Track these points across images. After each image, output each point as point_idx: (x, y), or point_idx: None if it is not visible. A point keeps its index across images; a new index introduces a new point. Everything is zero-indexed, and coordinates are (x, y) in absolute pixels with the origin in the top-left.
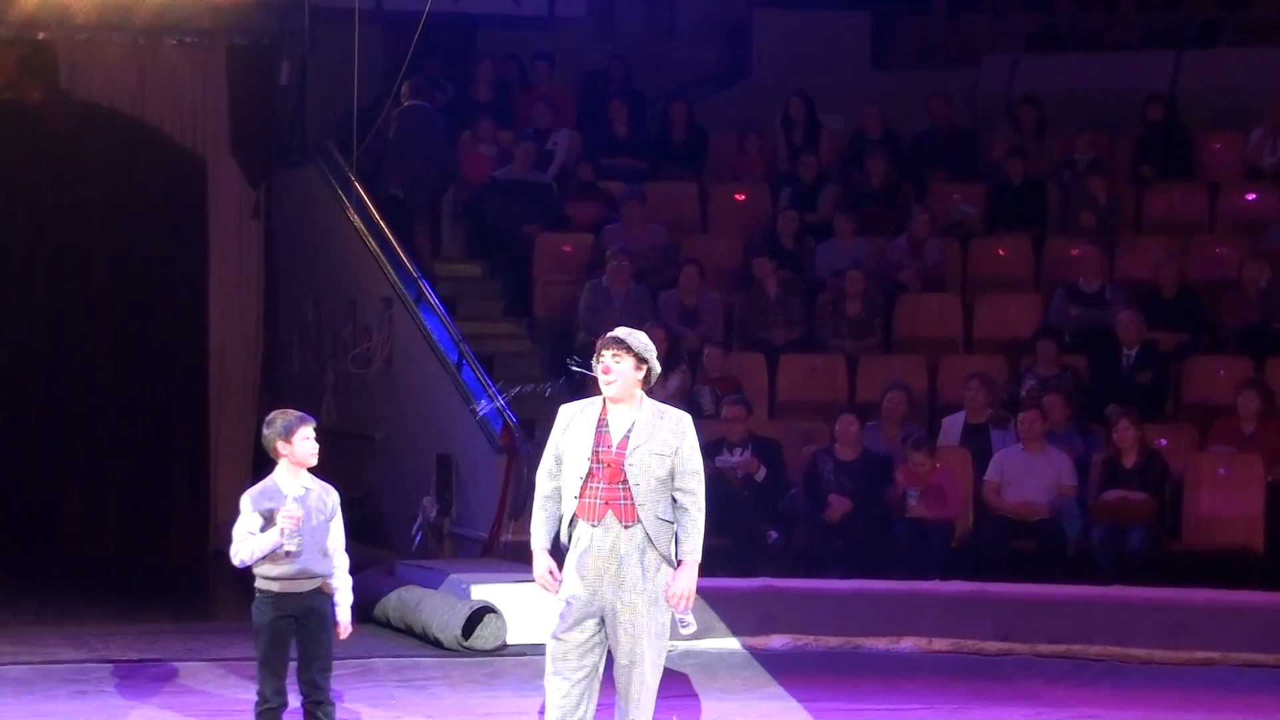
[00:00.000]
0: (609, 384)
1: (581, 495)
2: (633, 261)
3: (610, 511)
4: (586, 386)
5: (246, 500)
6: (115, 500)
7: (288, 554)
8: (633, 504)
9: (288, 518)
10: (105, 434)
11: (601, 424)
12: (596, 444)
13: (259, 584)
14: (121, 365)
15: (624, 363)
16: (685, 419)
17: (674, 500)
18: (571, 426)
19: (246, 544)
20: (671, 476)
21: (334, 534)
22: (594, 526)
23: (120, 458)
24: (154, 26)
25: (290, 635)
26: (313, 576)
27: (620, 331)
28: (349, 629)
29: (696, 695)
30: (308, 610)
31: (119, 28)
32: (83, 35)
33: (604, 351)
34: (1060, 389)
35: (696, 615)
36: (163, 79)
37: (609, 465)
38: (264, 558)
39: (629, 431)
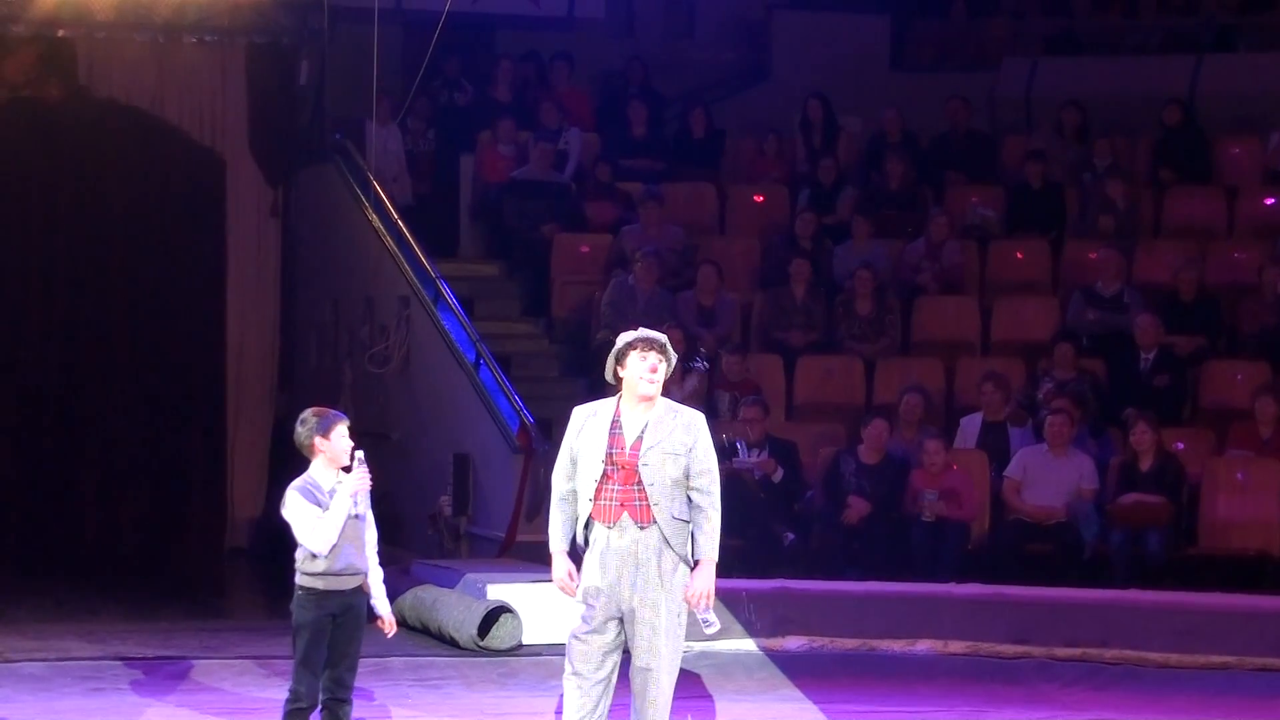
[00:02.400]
0: (653, 383)
1: (597, 497)
2: (658, 263)
3: (626, 513)
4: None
5: (295, 493)
6: (132, 498)
7: (357, 517)
8: (648, 504)
9: (362, 479)
10: (122, 431)
11: (615, 425)
12: (610, 446)
13: (303, 581)
14: (139, 363)
15: (663, 366)
16: (698, 418)
17: (690, 500)
18: (585, 429)
19: (323, 525)
20: (687, 476)
21: (369, 528)
22: (610, 528)
23: (137, 455)
24: (173, 25)
25: (328, 633)
26: (356, 573)
27: (659, 335)
28: (393, 623)
29: (711, 696)
30: (348, 608)
31: (138, 26)
32: (102, 33)
33: (648, 353)
34: (1072, 393)
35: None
36: (182, 77)
37: (623, 467)
38: (318, 554)
39: (643, 432)
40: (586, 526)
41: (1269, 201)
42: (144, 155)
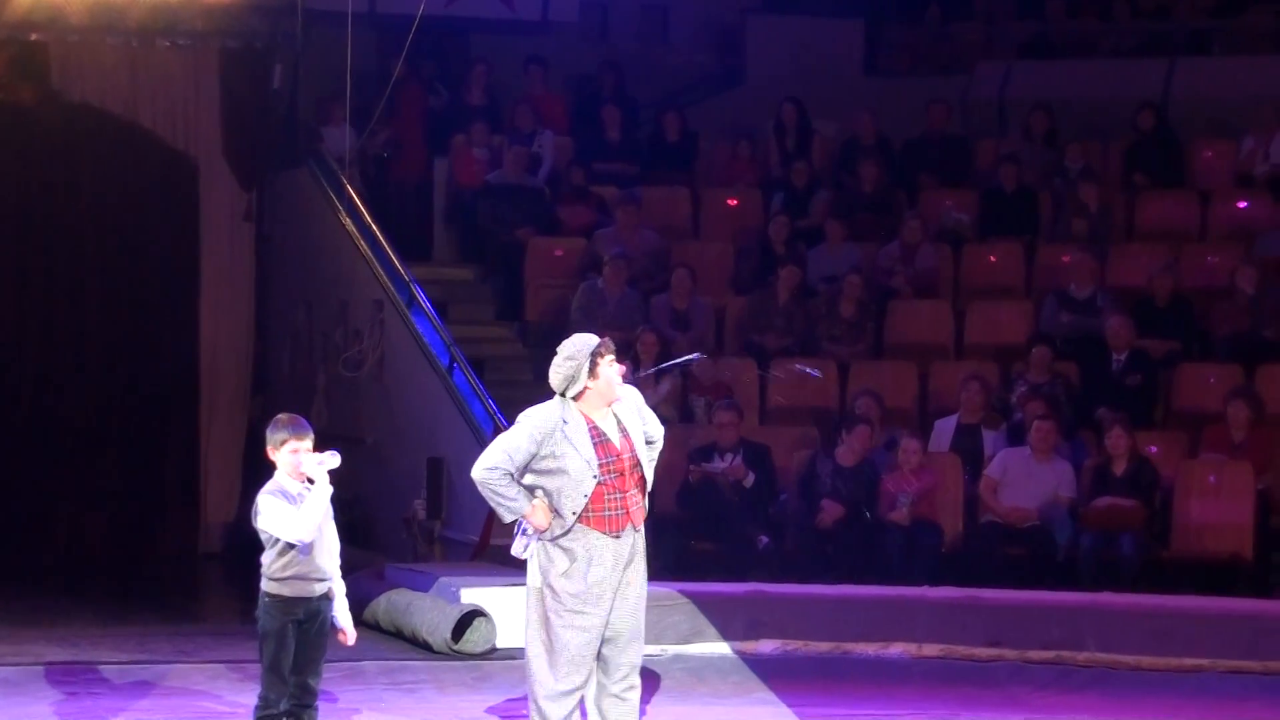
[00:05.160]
0: (624, 386)
1: (596, 509)
2: (626, 265)
3: (630, 521)
4: None
5: (268, 496)
6: (106, 502)
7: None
8: (643, 503)
9: (331, 465)
10: (96, 435)
11: (595, 433)
12: (600, 455)
13: (267, 587)
14: (113, 367)
15: None
16: (634, 391)
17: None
18: (557, 438)
19: (301, 517)
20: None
21: (333, 536)
22: (616, 538)
23: (111, 459)
24: (147, 28)
25: (294, 639)
26: (323, 578)
27: (606, 339)
28: (353, 633)
29: (685, 699)
30: (313, 614)
31: (111, 29)
32: (75, 36)
33: (613, 358)
34: (1046, 396)
35: (685, 620)
36: (155, 81)
37: (620, 472)
38: (288, 553)
39: (623, 432)
40: (564, 536)
41: (1242, 205)
42: (117, 159)
